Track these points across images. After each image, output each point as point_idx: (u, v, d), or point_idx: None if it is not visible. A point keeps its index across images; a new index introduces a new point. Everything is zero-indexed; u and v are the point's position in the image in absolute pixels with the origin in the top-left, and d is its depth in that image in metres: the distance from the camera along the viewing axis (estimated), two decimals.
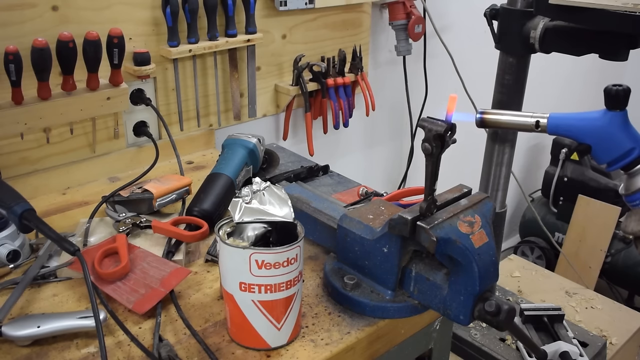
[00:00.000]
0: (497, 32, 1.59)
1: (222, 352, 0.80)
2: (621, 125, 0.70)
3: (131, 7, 1.27)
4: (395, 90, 1.99)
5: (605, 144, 0.70)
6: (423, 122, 0.75)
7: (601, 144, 0.71)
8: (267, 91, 1.61)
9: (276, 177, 1.26)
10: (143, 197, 1.11)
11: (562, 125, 0.73)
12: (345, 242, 0.91)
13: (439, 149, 0.75)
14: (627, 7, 1.22)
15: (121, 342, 0.81)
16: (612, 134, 0.70)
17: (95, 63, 1.18)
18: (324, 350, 0.81)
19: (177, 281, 0.90)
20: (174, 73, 1.37)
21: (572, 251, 2.60)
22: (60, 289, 0.92)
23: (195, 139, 1.47)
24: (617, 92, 0.69)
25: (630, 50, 1.39)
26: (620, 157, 0.70)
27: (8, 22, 1.12)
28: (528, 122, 0.74)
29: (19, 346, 0.80)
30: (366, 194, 1.20)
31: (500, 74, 1.66)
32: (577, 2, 1.26)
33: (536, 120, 0.74)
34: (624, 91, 0.69)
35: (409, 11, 1.80)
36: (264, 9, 1.50)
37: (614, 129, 0.70)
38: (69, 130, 1.24)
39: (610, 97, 0.69)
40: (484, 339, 1.72)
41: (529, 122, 0.74)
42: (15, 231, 0.96)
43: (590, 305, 1.98)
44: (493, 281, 0.81)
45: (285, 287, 0.77)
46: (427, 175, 0.77)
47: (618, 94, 0.69)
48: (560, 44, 1.48)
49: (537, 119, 0.73)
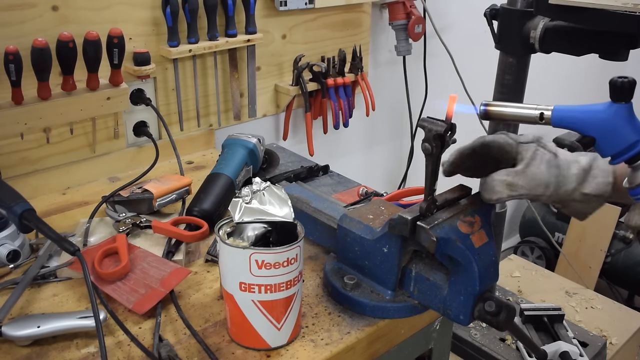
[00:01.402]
0: (497, 32, 1.59)
1: (222, 352, 0.80)
2: (626, 118, 0.69)
3: (131, 7, 1.27)
4: (395, 90, 1.99)
5: (610, 137, 0.69)
6: (423, 122, 0.75)
7: (605, 137, 0.70)
8: (267, 91, 1.61)
9: (276, 177, 1.26)
10: (143, 197, 1.11)
11: (566, 117, 0.72)
12: (345, 242, 0.91)
13: (439, 149, 0.75)
14: (627, 7, 1.22)
15: (121, 342, 0.81)
16: (617, 126, 0.69)
17: (95, 63, 1.18)
18: (324, 350, 0.81)
19: (177, 281, 0.90)
20: (174, 73, 1.37)
21: (572, 251, 2.60)
22: (60, 289, 0.92)
23: (195, 139, 1.47)
24: (623, 84, 0.68)
25: (630, 50, 1.39)
26: (624, 150, 0.69)
27: (8, 22, 1.12)
28: (532, 114, 0.74)
29: (19, 346, 0.80)
30: (366, 194, 1.20)
31: (500, 74, 1.66)
32: (577, 2, 1.26)
33: (540, 112, 0.73)
34: (629, 83, 0.68)
35: (409, 11, 1.80)
36: (264, 9, 1.50)
37: (618, 121, 0.69)
38: (69, 130, 1.24)
39: (616, 89, 0.68)
40: (484, 339, 1.73)
41: (533, 114, 0.73)
42: (15, 231, 0.96)
43: (590, 305, 1.98)
44: (493, 281, 0.81)
45: (285, 287, 0.77)
46: (427, 175, 0.77)
47: (623, 86, 0.68)
48: (560, 44, 1.48)
49: (541, 111, 0.73)
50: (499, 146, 0.78)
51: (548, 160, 0.77)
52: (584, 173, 0.77)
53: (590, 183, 0.77)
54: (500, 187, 0.76)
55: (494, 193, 0.76)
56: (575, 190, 0.77)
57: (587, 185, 0.77)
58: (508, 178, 0.75)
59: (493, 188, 0.76)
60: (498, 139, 0.79)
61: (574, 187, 0.77)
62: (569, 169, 0.77)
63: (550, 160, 0.77)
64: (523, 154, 0.78)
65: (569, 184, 0.77)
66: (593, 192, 0.77)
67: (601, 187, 0.78)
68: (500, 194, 0.76)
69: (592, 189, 0.77)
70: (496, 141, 0.78)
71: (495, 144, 0.78)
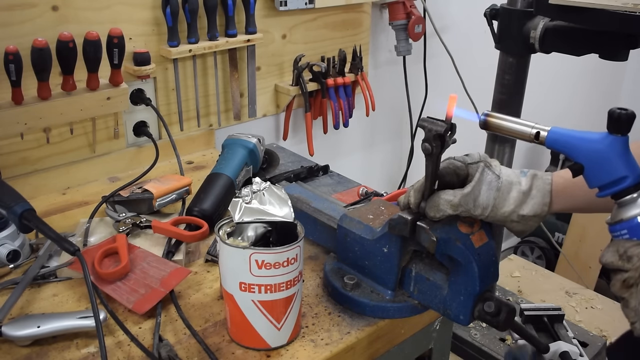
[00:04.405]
0: (497, 32, 1.59)
1: (222, 352, 0.80)
2: (619, 151, 0.67)
3: (131, 7, 1.27)
4: (395, 90, 1.99)
5: (599, 168, 0.68)
6: (423, 122, 0.75)
7: (595, 167, 0.68)
8: (267, 91, 1.61)
9: (276, 177, 1.26)
10: (143, 197, 1.11)
11: (560, 140, 0.71)
12: (345, 242, 0.91)
13: (439, 149, 0.75)
14: (627, 7, 1.22)
15: (121, 342, 0.81)
16: (608, 159, 0.67)
17: (95, 63, 1.18)
18: (324, 350, 0.81)
19: (177, 281, 0.90)
20: (174, 73, 1.37)
21: (572, 251, 2.60)
22: (60, 289, 0.92)
23: (195, 139, 1.47)
24: (620, 116, 0.66)
25: (630, 50, 1.39)
26: (611, 184, 0.68)
27: (8, 22, 1.12)
28: (528, 132, 0.73)
29: (19, 346, 0.80)
30: (366, 194, 1.20)
31: (500, 74, 1.66)
32: (577, 2, 1.26)
33: (537, 132, 0.72)
34: (627, 115, 0.66)
35: (409, 11, 1.80)
36: (264, 9, 1.50)
37: (611, 153, 0.67)
38: (69, 130, 1.24)
39: (613, 120, 0.67)
40: (484, 339, 1.73)
41: (529, 133, 0.73)
42: (15, 231, 0.96)
43: (590, 305, 1.98)
44: (493, 281, 0.81)
45: (285, 287, 0.77)
46: (427, 175, 0.77)
47: (620, 118, 0.66)
48: (560, 44, 1.48)
49: (538, 130, 0.72)
50: (450, 173, 0.80)
51: (490, 182, 0.78)
52: (523, 196, 0.79)
53: (527, 205, 0.79)
54: (445, 206, 0.77)
55: (438, 211, 0.78)
56: (513, 212, 0.78)
57: (525, 207, 0.79)
58: (454, 199, 0.77)
59: (438, 206, 0.77)
60: (447, 167, 0.79)
61: (512, 210, 0.78)
62: (509, 191, 0.79)
63: (492, 182, 0.78)
64: (473, 174, 0.79)
65: (507, 206, 0.78)
66: (530, 214, 0.79)
67: (538, 208, 0.79)
68: (443, 212, 0.77)
69: (528, 210, 0.79)
70: (447, 168, 0.79)
71: (447, 171, 0.79)
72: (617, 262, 0.66)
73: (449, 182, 0.80)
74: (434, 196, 0.78)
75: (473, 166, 0.80)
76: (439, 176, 0.79)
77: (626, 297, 0.65)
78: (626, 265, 0.65)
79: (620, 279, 0.66)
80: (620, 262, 0.66)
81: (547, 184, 0.79)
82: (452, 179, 0.80)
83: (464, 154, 0.81)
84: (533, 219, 0.79)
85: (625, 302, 0.65)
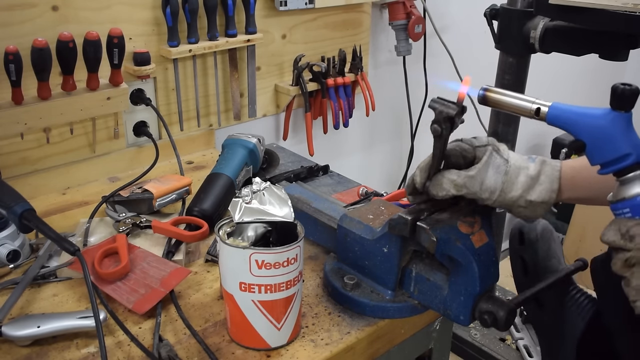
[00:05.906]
0: (497, 32, 1.59)
1: (222, 352, 0.80)
2: (622, 128, 0.65)
3: (131, 7, 1.27)
4: (395, 90, 1.99)
5: (602, 145, 0.66)
6: (434, 102, 0.74)
7: (597, 144, 0.67)
8: (267, 91, 1.61)
9: (276, 177, 1.26)
10: (143, 197, 1.10)
11: (561, 117, 0.69)
12: (345, 242, 0.91)
13: (448, 131, 0.74)
14: (627, 7, 1.23)
15: (121, 342, 0.81)
16: (611, 135, 0.66)
17: (95, 63, 1.18)
18: (324, 350, 0.81)
19: (177, 281, 0.90)
20: (174, 73, 1.37)
21: (572, 251, 2.60)
22: (60, 289, 0.92)
23: (195, 139, 1.47)
24: (624, 92, 0.64)
25: (630, 50, 1.39)
26: (614, 161, 0.66)
27: (8, 22, 1.12)
28: (529, 107, 0.71)
29: (19, 346, 0.80)
30: (366, 194, 1.20)
31: (500, 74, 1.66)
32: (577, 2, 1.26)
33: (537, 107, 0.71)
34: (631, 91, 0.64)
35: (409, 11, 1.80)
36: (264, 9, 1.50)
37: (614, 130, 0.65)
38: (69, 130, 1.24)
39: (616, 95, 0.65)
40: (484, 339, 1.73)
41: (530, 108, 0.71)
42: (15, 231, 0.96)
43: None
44: (493, 281, 0.81)
45: (285, 287, 0.77)
46: (435, 156, 0.76)
47: (624, 94, 0.64)
48: (560, 44, 1.48)
49: (538, 106, 0.71)
50: (457, 155, 0.79)
51: (498, 166, 0.78)
52: (531, 181, 0.78)
53: (535, 190, 0.78)
54: (448, 185, 0.77)
55: (441, 189, 0.77)
56: (520, 197, 0.78)
57: (532, 193, 0.78)
58: (457, 179, 0.76)
59: (441, 185, 0.77)
60: (454, 148, 0.79)
61: (520, 195, 0.78)
62: (517, 176, 0.78)
63: (500, 166, 0.78)
64: (480, 157, 0.79)
65: (515, 191, 0.78)
66: (538, 200, 0.78)
67: (546, 194, 0.78)
68: (446, 191, 0.77)
69: (536, 196, 0.78)
70: (454, 149, 0.79)
71: (453, 152, 0.79)
72: (618, 241, 0.65)
73: (454, 164, 0.79)
74: (438, 175, 0.77)
75: (481, 149, 0.79)
76: (445, 157, 0.78)
77: (627, 276, 0.65)
78: (628, 244, 0.64)
79: (622, 257, 0.65)
80: (622, 241, 0.65)
81: (556, 171, 0.79)
82: (457, 161, 0.79)
83: (472, 137, 0.81)
84: (541, 205, 0.78)
85: (627, 281, 0.65)
